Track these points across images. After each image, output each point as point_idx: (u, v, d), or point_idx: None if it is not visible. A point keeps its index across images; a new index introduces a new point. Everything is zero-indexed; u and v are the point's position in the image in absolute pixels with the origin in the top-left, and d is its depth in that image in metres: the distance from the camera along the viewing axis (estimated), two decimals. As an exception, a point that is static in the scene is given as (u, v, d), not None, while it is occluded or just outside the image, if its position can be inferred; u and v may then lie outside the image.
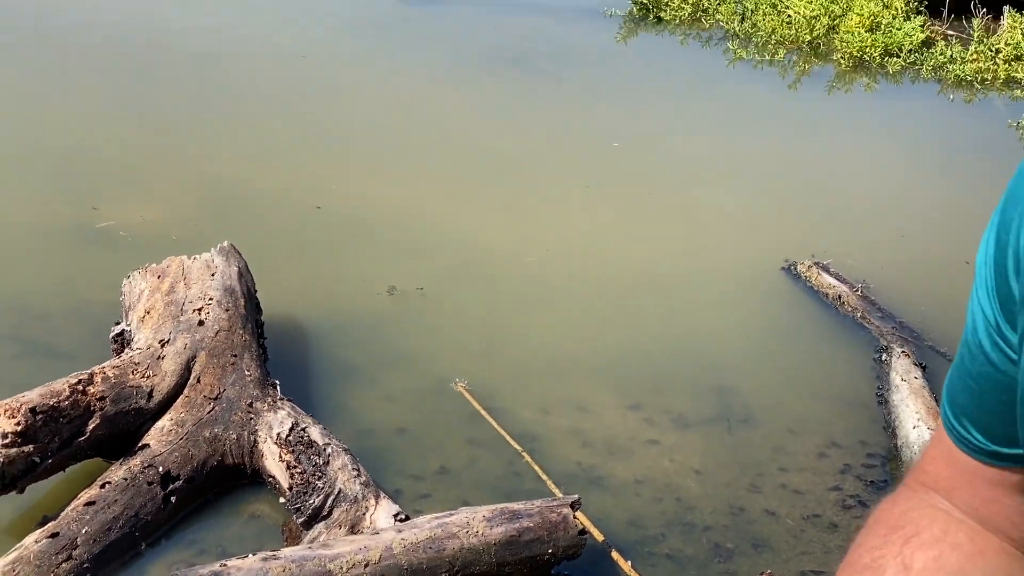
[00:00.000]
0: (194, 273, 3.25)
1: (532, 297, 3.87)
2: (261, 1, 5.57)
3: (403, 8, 5.60)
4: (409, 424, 3.23)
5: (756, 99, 5.37)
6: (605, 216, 4.35)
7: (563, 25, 5.55)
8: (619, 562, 2.84)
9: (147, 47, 4.88)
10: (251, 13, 5.40)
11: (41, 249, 3.72)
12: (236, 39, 5.12)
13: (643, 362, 3.61)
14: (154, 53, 4.87)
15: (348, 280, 3.78)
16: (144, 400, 2.92)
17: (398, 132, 4.61)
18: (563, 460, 3.16)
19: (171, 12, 5.26)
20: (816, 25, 5.76)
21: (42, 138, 4.26)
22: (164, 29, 5.11)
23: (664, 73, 5.47)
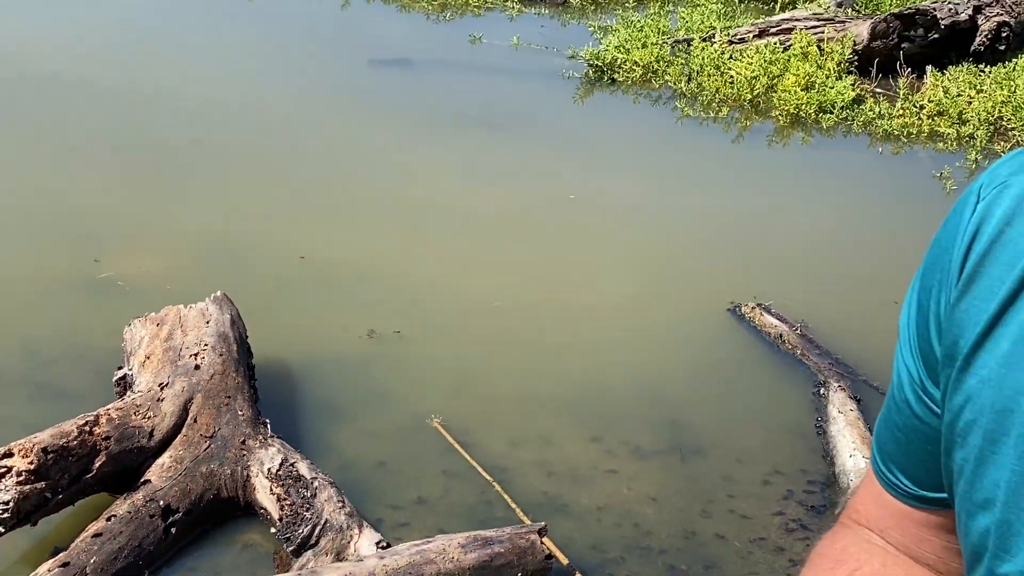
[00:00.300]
0: (190, 321, 3.31)
1: (499, 339, 3.90)
2: (244, 68, 5.51)
3: (375, 72, 5.56)
4: (389, 458, 3.29)
5: (702, 153, 5.38)
6: (564, 263, 4.40)
7: (524, 87, 5.51)
8: (581, 579, 2.90)
9: (145, 110, 4.88)
10: (236, 80, 5.37)
11: (48, 299, 3.75)
12: (224, 103, 5.10)
13: (603, 398, 3.66)
14: (151, 117, 4.86)
15: (331, 325, 3.81)
16: (145, 439, 2.97)
17: (373, 187, 4.62)
18: (530, 490, 3.22)
19: (167, 80, 5.22)
20: (756, 85, 5.77)
21: (47, 195, 4.27)
22: (160, 95, 5.08)
23: (618, 130, 5.45)
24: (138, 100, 5.08)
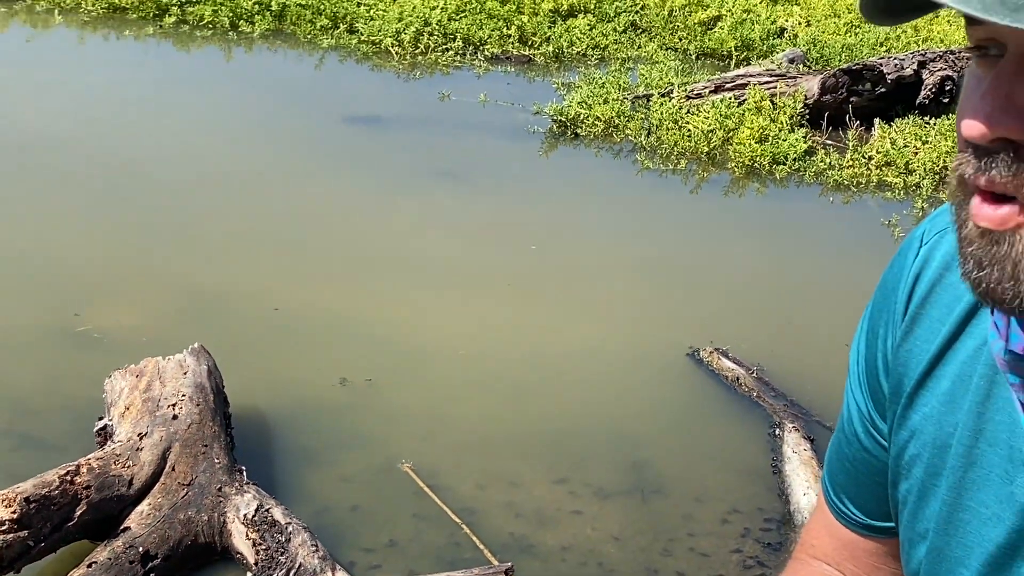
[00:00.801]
0: (168, 372, 3.30)
1: (466, 385, 3.89)
2: (222, 127, 5.52)
3: (349, 129, 5.59)
4: (361, 502, 3.27)
5: (662, 204, 5.42)
6: (528, 311, 4.40)
7: (491, 141, 5.52)
8: (548, 618, 2.92)
9: (124, 170, 4.88)
10: (215, 138, 5.38)
11: (31, 352, 3.73)
12: (202, 161, 5.11)
13: (567, 440, 3.65)
14: (130, 176, 4.86)
15: (304, 373, 3.80)
16: (125, 488, 2.96)
17: (345, 240, 4.64)
18: (498, 531, 3.21)
19: (147, 140, 5.24)
20: (712, 138, 5.80)
21: (28, 251, 4.26)
22: (139, 155, 5.09)
23: (580, 182, 5.48)
24: (117, 160, 5.10)
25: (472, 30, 6.96)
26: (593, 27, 7.32)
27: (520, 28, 7.09)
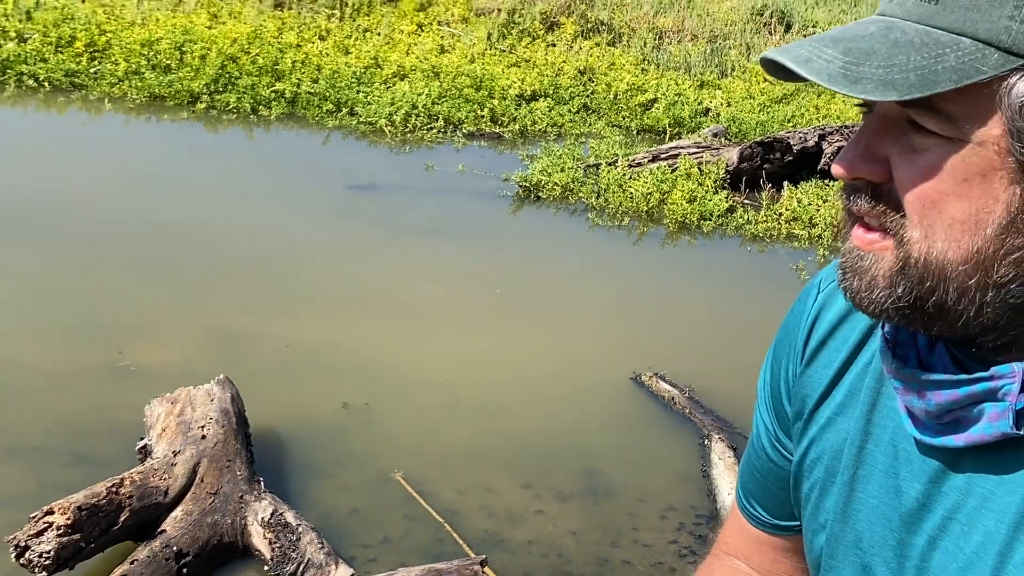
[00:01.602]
0: (198, 400, 3.31)
1: (447, 407, 3.89)
2: (240, 192, 5.53)
3: (349, 195, 5.62)
4: (360, 506, 3.28)
5: (609, 254, 5.44)
6: (496, 344, 4.42)
7: (468, 204, 5.55)
8: (517, 602, 2.91)
9: (158, 230, 4.88)
10: (234, 202, 5.40)
11: (82, 384, 3.72)
12: (223, 220, 5.11)
13: (531, 452, 3.66)
14: (163, 235, 4.86)
15: (312, 399, 3.79)
16: (162, 497, 2.97)
17: (344, 286, 4.65)
18: (474, 528, 3.22)
19: (177, 204, 5.24)
20: (650, 199, 5.84)
21: (79, 298, 4.27)
22: (171, 217, 5.09)
23: (541, 237, 5.50)
24: (155, 221, 5.09)
25: (452, 112, 6.99)
26: (551, 109, 7.37)
27: (491, 110, 7.13)
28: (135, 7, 8.05)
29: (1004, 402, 0.90)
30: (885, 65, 0.82)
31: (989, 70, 0.83)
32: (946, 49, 0.83)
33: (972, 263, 0.86)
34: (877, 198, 0.89)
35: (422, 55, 7.86)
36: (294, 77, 7.11)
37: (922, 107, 0.84)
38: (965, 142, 0.86)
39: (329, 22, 8.45)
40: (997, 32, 0.83)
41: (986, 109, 0.84)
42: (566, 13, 9.13)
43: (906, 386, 0.96)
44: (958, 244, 0.86)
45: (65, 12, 7.65)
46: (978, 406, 0.92)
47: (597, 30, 9.07)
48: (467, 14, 9.00)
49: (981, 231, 0.86)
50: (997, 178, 0.85)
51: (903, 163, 0.87)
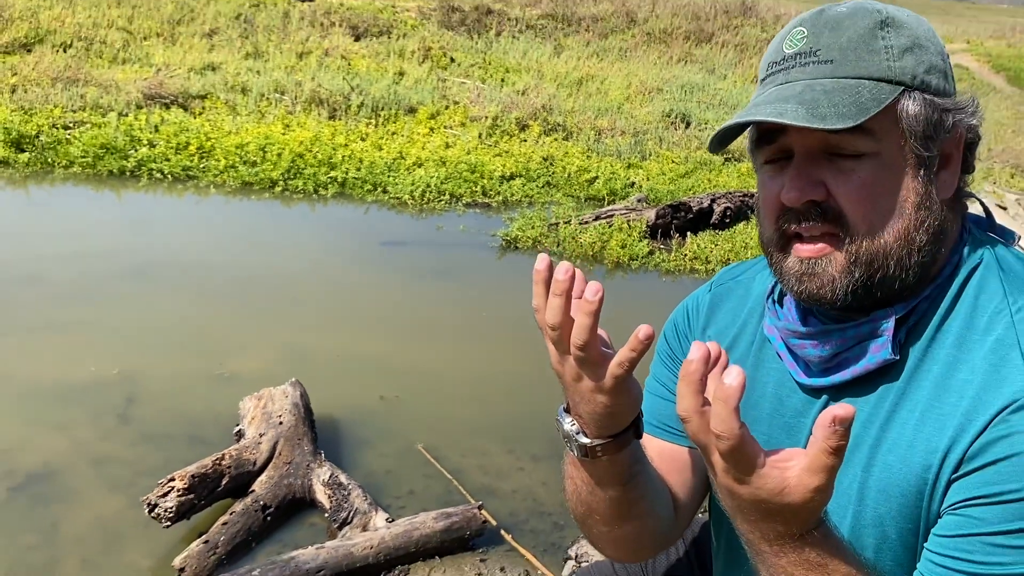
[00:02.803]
0: (277, 396, 3.29)
1: (453, 396, 3.88)
2: (305, 248, 5.52)
3: (384, 249, 5.63)
4: (392, 469, 3.26)
5: (567, 285, 5.43)
6: (487, 350, 4.38)
7: (467, 253, 5.54)
8: (503, 534, 2.90)
9: (248, 280, 4.86)
10: (300, 256, 5.38)
11: (195, 388, 3.71)
12: (293, 269, 5.10)
13: (514, 426, 3.64)
14: (251, 283, 4.85)
15: (357, 394, 3.78)
16: (252, 467, 2.96)
17: (380, 312, 4.64)
18: (474, 482, 3.21)
19: (261, 258, 5.23)
20: (595, 246, 5.85)
21: (191, 328, 4.24)
22: (257, 268, 5.08)
23: (518, 275, 5.45)
24: (246, 271, 5.09)
25: (455, 188, 7.00)
26: (525, 185, 7.38)
27: (482, 187, 7.13)
28: (231, 121, 8.07)
29: (883, 337, 0.91)
30: (830, 105, 0.85)
31: (888, 96, 0.85)
32: (858, 88, 0.86)
33: (903, 239, 0.89)
34: (823, 213, 0.89)
35: (433, 150, 7.88)
36: (343, 167, 7.11)
37: (857, 133, 0.86)
38: (883, 154, 0.88)
39: (367, 128, 8.48)
40: (882, 71, 0.87)
41: (891, 125, 0.88)
42: (533, 118, 9.19)
43: (802, 341, 0.96)
44: (892, 228, 0.88)
45: (181, 126, 7.67)
46: (861, 345, 0.92)
47: (555, 129, 9.12)
48: (464, 120, 9.04)
49: (904, 214, 0.88)
50: (907, 174, 0.88)
51: (840, 182, 0.89)
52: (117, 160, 6.84)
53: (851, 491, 0.90)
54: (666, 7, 18.96)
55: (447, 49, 12.95)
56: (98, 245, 5.31)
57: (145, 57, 10.43)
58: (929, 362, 0.88)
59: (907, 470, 0.86)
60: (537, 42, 14.86)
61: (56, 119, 7.55)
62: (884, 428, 0.88)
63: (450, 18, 15.87)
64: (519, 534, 2.91)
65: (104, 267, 4.94)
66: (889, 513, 0.87)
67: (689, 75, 13.06)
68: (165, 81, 8.94)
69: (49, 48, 10.15)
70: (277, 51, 11.39)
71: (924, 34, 0.90)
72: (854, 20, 0.88)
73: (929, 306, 0.90)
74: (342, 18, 13.97)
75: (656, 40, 16.11)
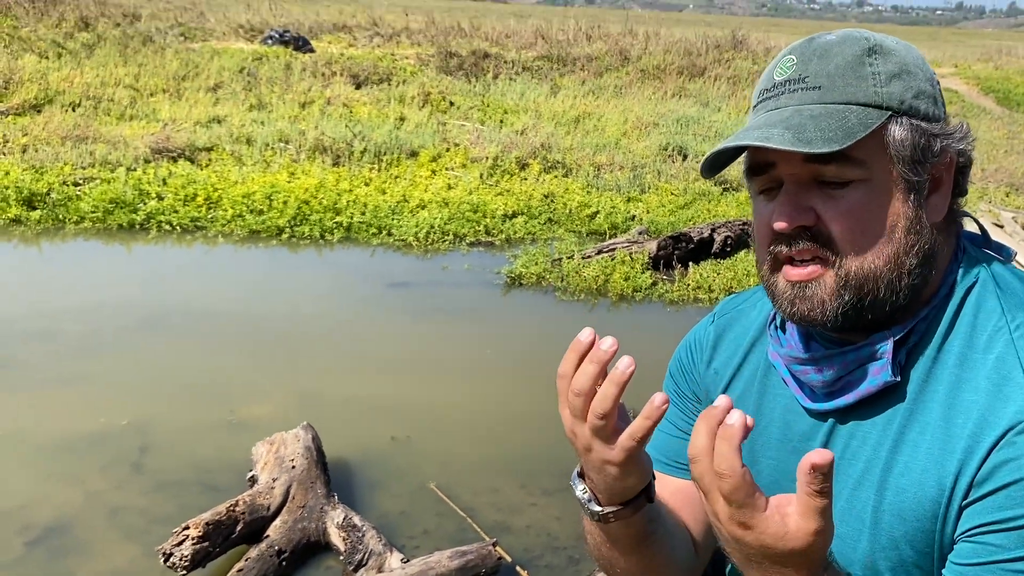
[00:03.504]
0: (289, 440, 3.28)
1: (463, 434, 3.85)
2: (312, 291, 5.51)
3: (390, 289, 5.62)
4: (406, 508, 3.23)
5: (571, 319, 5.37)
6: (493, 388, 4.37)
7: (472, 291, 5.53)
8: (519, 571, 2.88)
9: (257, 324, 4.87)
10: (307, 298, 5.38)
11: (208, 435, 3.69)
12: (300, 311, 5.10)
13: (525, 461, 3.62)
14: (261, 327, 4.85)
15: (369, 435, 3.76)
16: (266, 512, 2.93)
17: (389, 352, 4.62)
18: (488, 519, 3.18)
19: (267, 303, 5.23)
20: (599, 280, 5.83)
21: (201, 375, 4.23)
22: (265, 312, 5.09)
23: (522, 311, 5.45)
24: (253, 316, 5.10)
25: (458, 229, 7.02)
26: (527, 222, 7.40)
27: (485, 226, 7.16)
28: (237, 171, 8.14)
29: (883, 359, 0.91)
30: (817, 129, 0.86)
31: (875, 121, 0.86)
32: (845, 113, 0.87)
33: (892, 263, 0.89)
34: (813, 237, 0.89)
35: (436, 191, 7.93)
36: (348, 212, 7.15)
37: (841, 159, 0.86)
38: (871, 179, 0.88)
39: (371, 173, 8.54)
40: (870, 96, 0.87)
41: (881, 152, 0.88)
42: (532, 157, 9.26)
43: (804, 367, 0.96)
44: (882, 252, 0.88)
45: (189, 178, 7.74)
46: (862, 368, 0.91)
47: (555, 167, 9.18)
48: (465, 161, 9.11)
49: (894, 238, 0.88)
50: (896, 199, 0.88)
51: (829, 208, 0.89)
52: (126, 214, 6.89)
53: (865, 514, 0.90)
54: (658, 44, 19.19)
55: (446, 93, 13.09)
56: (109, 298, 5.33)
57: (152, 113, 10.56)
58: (934, 383, 0.88)
59: (921, 494, 0.86)
60: (534, 83, 15.02)
61: (66, 176, 7.63)
62: (894, 451, 0.88)
63: (448, 63, 16.07)
64: (535, 570, 2.88)
65: (115, 319, 4.96)
66: (904, 536, 0.86)
67: (684, 109, 13.18)
68: (172, 135, 9.04)
69: (58, 108, 10.29)
70: (280, 102, 11.53)
71: (913, 61, 0.90)
72: (842, 48, 0.89)
73: (927, 327, 0.90)
74: (343, 67, 14.15)
75: (650, 76, 16.27)
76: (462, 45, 17.82)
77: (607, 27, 21.37)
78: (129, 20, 18.35)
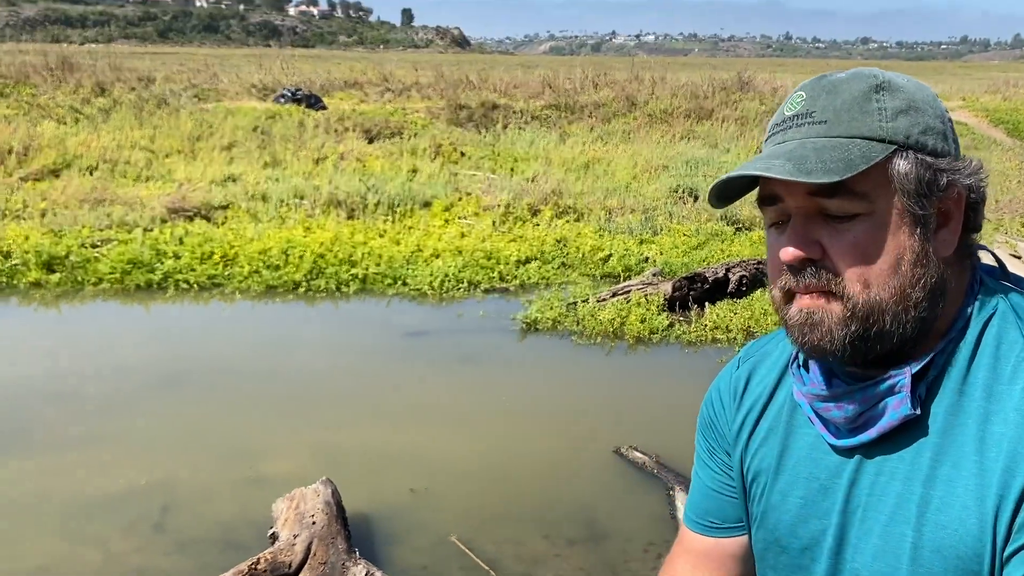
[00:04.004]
0: (308, 496, 3.26)
1: (484, 484, 3.82)
2: (331, 344, 5.54)
3: (407, 338, 5.63)
4: (427, 563, 3.19)
5: (589, 363, 5.36)
6: (515, 435, 4.33)
7: (488, 337, 5.53)
8: (546, 623, 2.81)
9: (278, 382, 4.88)
10: (325, 351, 5.40)
11: (231, 492, 3.67)
12: (319, 364, 5.10)
13: (547, 512, 3.57)
14: (282, 385, 4.86)
15: (388, 488, 3.73)
16: (287, 569, 2.90)
17: (406, 402, 4.61)
18: (511, 571, 3.14)
19: (287, 358, 5.25)
20: (614, 323, 5.83)
21: (221, 431, 4.23)
22: (282, 367, 5.10)
23: (539, 355, 5.43)
24: (270, 371, 5.11)
25: (472, 276, 7.05)
26: (540, 267, 7.42)
27: (499, 272, 7.19)
28: (253, 228, 8.24)
29: (901, 393, 0.90)
30: (819, 161, 0.87)
31: (879, 154, 0.87)
32: (849, 146, 0.88)
33: (898, 295, 0.89)
34: (819, 269, 0.90)
35: (449, 240, 7.98)
36: (364, 263, 7.20)
37: (844, 193, 0.88)
38: (875, 213, 0.89)
39: (385, 224, 8.62)
40: (875, 131, 0.89)
41: (885, 185, 0.89)
42: (544, 203, 9.32)
43: (826, 404, 0.96)
44: (887, 285, 0.89)
45: (205, 236, 7.83)
46: (881, 402, 0.91)
47: (567, 212, 9.24)
48: (478, 210, 9.18)
49: (900, 271, 0.89)
50: (902, 232, 0.89)
51: (835, 241, 0.90)
52: (144, 274, 6.97)
53: (902, 551, 0.89)
54: (665, 89, 19.41)
55: (457, 144, 13.26)
56: (128, 358, 5.37)
57: (167, 174, 10.74)
58: (963, 416, 0.88)
59: (963, 531, 0.85)
60: (543, 131, 15.20)
61: (84, 239, 7.74)
62: (928, 485, 0.88)
63: (458, 115, 16.30)
64: (561, 621, 2.82)
65: (135, 379, 4.99)
66: (944, 572, 0.86)
67: (693, 151, 13.27)
68: (188, 195, 9.19)
69: (76, 172, 10.49)
70: (294, 158, 11.71)
71: (923, 98, 0.92)
72: (850, 84, 0.92)
73: (946, 360, 0.90)
74: (355, 123, 14.39)
75: (658, 120, 16.43)
76: (471, 97, 18.10)
77: (613, 74, 21.67)
78: (144, 84, 18.78)
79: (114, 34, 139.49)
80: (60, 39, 30.87)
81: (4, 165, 10.58)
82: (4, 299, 6.61)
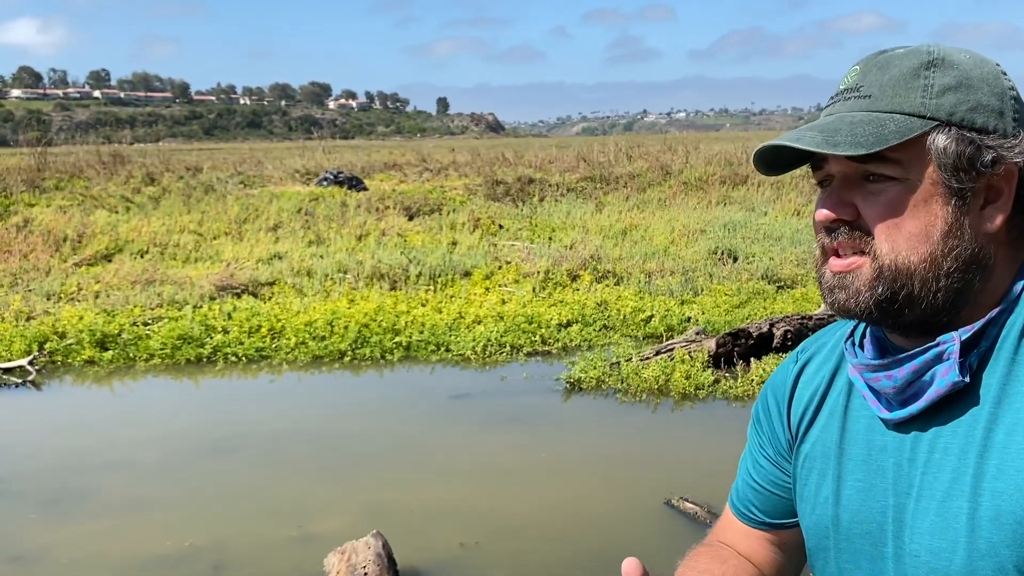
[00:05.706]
0: (360, 549, 3.28)
1: (534, 539, 3.80)
2: (379, 408, 5.60)
3: (452, 402, 5.67)
4: (481, 610, 3.17)
5: (634, 421, 5.33)
6: (563, 491, 4.29)
7: (532, 399, 5.55)
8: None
9: (330, 442, 4.93)
10: (375, 414, 5.46)
11: (282, 550, 3.69)
12: (369, 426, 5.18)
13: (600, 566, 3.53)
14: (334, 443, 4.92)
15: (438, 542, 3.74)
16: None
17: (454, 462, 4.63)
18: None
19: (338, 421, 5.32)
20: (659, 380, 5.81)
21: (272, 492, 4.28)
22: (333, 430, 5.17)
23: (584, 414, 5.42)
24: (320, 435, 5.17)
25: (515, 340, 7.11)
26: (582, 330, 7.46)
27: (541, 336, 7.23)
28: (299, 302, 8.42)
29: (950, 360, 0.92)
30: (850, 134, 0.91)
31: (918, 129, 0.91)
32: (887, 121, 0.92)
33: (928, 262, 0.91)
34: (852, 230, 0.94)
35: (490, 307, 8.07)
36: (407, 332, 7.31)
37: (880, 160, 0.92)
38: (910, 180, 0.92)
39: (427, 294, 8.76)
40: (916, 107, 0.93)
41: (921, 156, 0.92)
42: (583, 268, 9.40)
43: (876, 374, 0.97)
44: (916, 250, 0.92)
45: (252, 311, 8.02)
46: (929, 371, 0.93)
47: (606, 276, 9.30)
48: (518, 277, 9.29)
49: (931, 239, 0.92)
50: (935, 201, 0.92)
51: (868, 203, 0.94)
52: (194, 349, 7.15)
53: (959, 523, 0.89)
54: (699, 158, 19.63)
55: (495, 217, 13.51)
56: (180, 428, 5.48)
57: (215, 254, 11.09)
58: (1017, 384, 0.88)
59: (1021, 495, 0.85)
60: (579, 202, 15.42)
61: (136, 317, 7.99)
62: (983, 455, 0.88)
63: (495, 190, 16.64)
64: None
65: (187, 446, 5.09)
66: (1003, 541, 0.85)
67: (730, 215, 13.33)
68: (235, 273, 9.46)
69: (128, 255, 10.89)
70: (338, 236, 12.01)
71: (979, 75, 0.93)
72: (903, 60, 0.95)
73: (999, 331, 0.92)
74: (395, 201, 14.76)
75: (693, 188, 16.58)
76: (507, 173, 18.48)
77: (646, 147, 21.99)
78: (192, 173, 19.53)
79: (161, 133, 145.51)
80: (112, 140, 32.50)
81: (60, 252, 11.02)
82: (60, 376, 6.81)
